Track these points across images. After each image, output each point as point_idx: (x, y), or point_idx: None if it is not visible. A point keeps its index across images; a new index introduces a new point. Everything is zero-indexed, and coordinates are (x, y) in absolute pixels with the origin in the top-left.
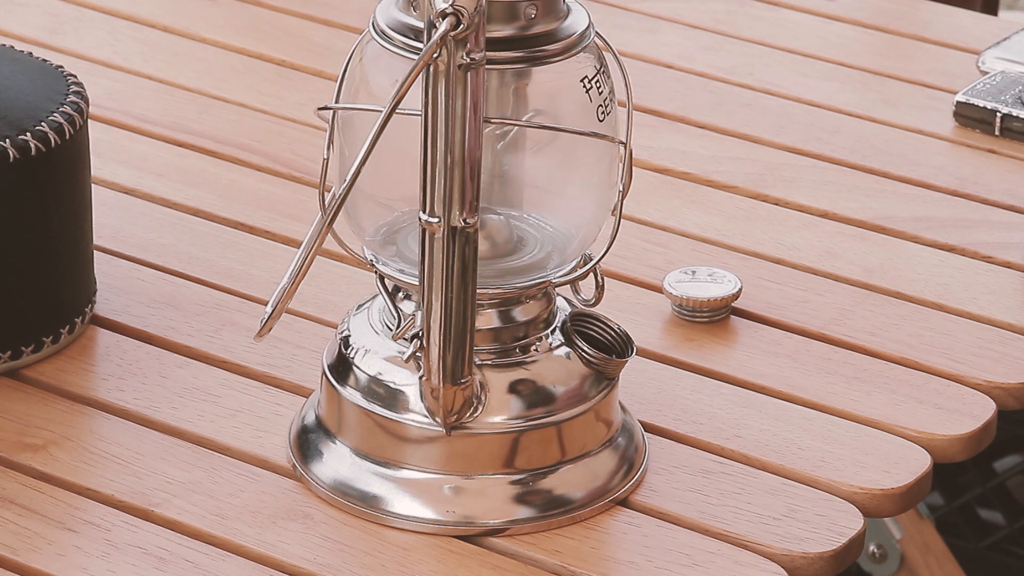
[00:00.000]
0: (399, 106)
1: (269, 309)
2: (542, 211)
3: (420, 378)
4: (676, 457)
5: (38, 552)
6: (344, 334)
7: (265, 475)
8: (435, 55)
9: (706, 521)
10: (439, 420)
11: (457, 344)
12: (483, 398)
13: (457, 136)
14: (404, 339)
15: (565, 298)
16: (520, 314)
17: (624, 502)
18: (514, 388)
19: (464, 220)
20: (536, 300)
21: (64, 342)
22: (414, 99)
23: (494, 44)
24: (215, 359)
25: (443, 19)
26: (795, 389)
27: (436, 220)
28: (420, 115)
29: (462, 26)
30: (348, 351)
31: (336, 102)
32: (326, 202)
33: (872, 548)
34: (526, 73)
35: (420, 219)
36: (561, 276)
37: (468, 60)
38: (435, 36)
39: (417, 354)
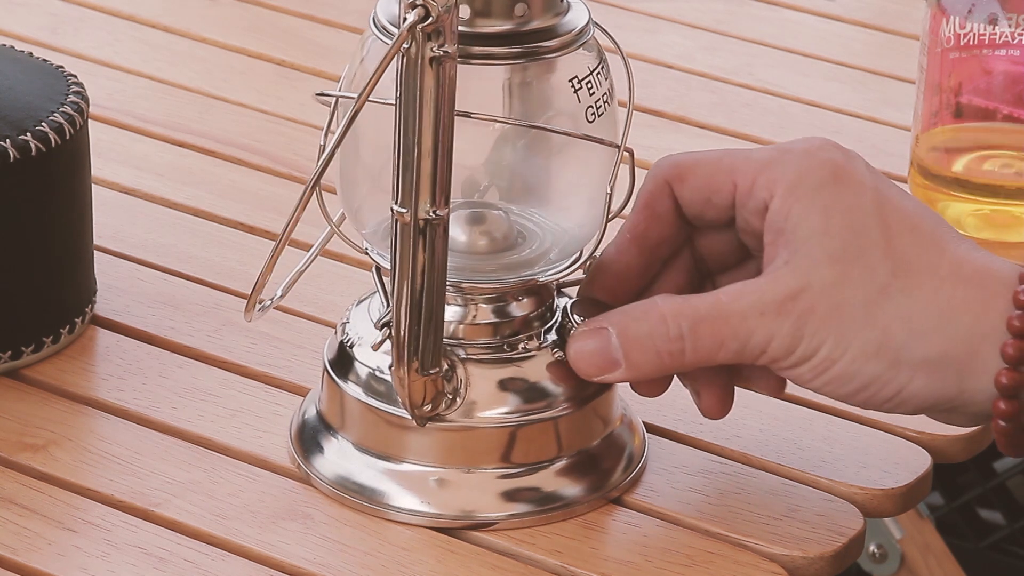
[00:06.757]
0: (383, 96)
1: (254, 284)
2: (540, 208)
3: (389, 367)
4: (676, 457)
5: (38, 552)
6: (345, 329)
7: (265, 475)
8: (405, 46)
9: (706, 521)
10: (408, 410)
11: (425, 334)
12: (462, 391)
13: (426, 127)
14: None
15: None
16: (517, 309)
17: (623, 502)
18: (511, 383)
19: (433, 212)
20: (533, 296)
21: (64, 342)
22: None
23: (486, 39)
24: (215, 359)
25: (412, 10)
26: (795, 389)
27: (405, 211)
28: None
29: (430, 19)
30: (349, 346)
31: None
32: (312, 180)
33: (872, 548)
34: (515, 69)
35: (392, 209)
36: (559, 273)
37: (440, 53)
38: (403, 27)
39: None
